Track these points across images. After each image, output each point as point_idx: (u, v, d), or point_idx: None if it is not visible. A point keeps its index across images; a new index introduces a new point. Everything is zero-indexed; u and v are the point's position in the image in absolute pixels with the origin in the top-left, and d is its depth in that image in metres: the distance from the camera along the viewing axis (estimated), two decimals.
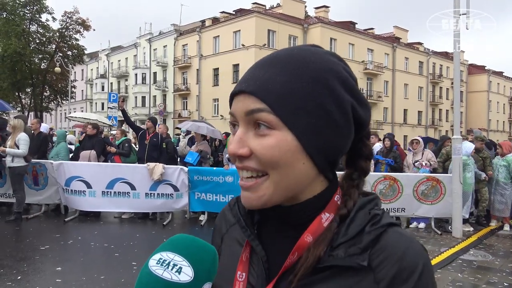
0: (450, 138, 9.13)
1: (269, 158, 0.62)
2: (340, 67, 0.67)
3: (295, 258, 0.65)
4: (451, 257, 5.92)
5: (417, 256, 0.62)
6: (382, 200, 6.69)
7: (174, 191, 7.70)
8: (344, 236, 0.64)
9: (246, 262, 0.72)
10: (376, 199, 0.71)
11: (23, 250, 5.73)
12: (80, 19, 38.12)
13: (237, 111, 0.65)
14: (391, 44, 47.20)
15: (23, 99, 39.80)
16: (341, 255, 0.62)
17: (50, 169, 7.87)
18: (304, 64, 0.64)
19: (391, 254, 0.62)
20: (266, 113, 0.61)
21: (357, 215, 0.66)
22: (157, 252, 0.59)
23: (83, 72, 62.88)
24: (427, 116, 52.59)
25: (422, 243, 2.84)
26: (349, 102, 0.66)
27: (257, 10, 39.51)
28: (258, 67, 0.66)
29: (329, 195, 0.69)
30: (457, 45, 7.43)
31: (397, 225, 0.66)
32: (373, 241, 0.63)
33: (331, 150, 0.65)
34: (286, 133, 0.62)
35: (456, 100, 7.74)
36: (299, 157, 0.63)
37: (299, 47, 0.68)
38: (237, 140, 0.64)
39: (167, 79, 48.85)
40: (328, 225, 0.66)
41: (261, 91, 0.62)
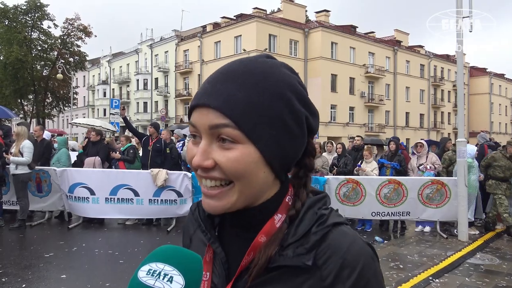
0: (451, 140, 9.13)
1: (234, 170, 0.65)
2: (295, 81, 0.71)
3: (251, 258, 0.69)
4: (457, 261, 5.88)
5: (359, 253, 0.66)
6: (386, 204, 6.65)
7: (177, 196, 7.67)
8: (293, 236, 0.67)
9: (210, 262, 0.75)
10: (325, 198, 0.74)
11: (27, 258, 5.71)
12: (81, 26, 38.27)
13: (200, 124, 0.67)
14: (392, 47, 47.24)
15: (25, 106, 39.91)
16: (290, 255, 0.66)
17: (53, 176, 7.87)
18: (263, 78, 0.67)
19: (335, 252, 0.65)
20: (231, 128, 0.64)
21: (306, 215, 0.70)
22: (145, 263, 0.59)
23: (85, 79, 63.06)
24: (429, 119, 52.54)
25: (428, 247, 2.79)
26: (304, 113, 0.70)
27: (258, 15, 39.63)
28: (219, 81, 0.67)
29: (281, 196, 0.73)
30: (460, 47, 7.42)
31: (342, 224, 0.70)
32: (319, 241, 0.66)
33: (288, 157, 0.70)
34: (249, 146, 0.65)
35: (460, 103, 7.74)
36: (260, 166, 0.66)
37: (255, 59, 0.71)
38: (201, 152, 0.66)
39: (169, 84, 48.95)
40: (279, 226, 0.70)
41: (225, 107, 0.64)
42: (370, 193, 7.42)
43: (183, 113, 46.97)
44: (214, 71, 0.71)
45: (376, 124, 45.26)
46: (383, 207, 7.46)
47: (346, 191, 7.51)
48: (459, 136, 7.47)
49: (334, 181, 7.54)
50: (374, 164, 8.14)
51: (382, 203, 7.43)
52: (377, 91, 45.37)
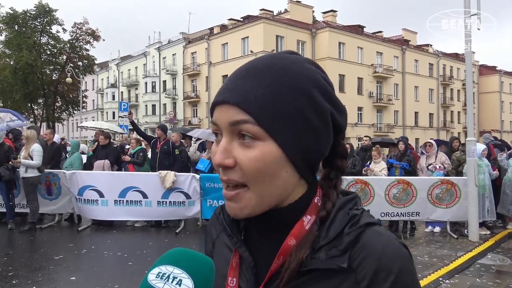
0: (458, 139, 9.02)
1: (254, 170, 0.63)
2: (318, 76, 0.69)
3: (281, 262, 0.67)
4: (468, 262, 5.82)
5: (395, 255, 0.64)
6: (396, 205, 6.59)
7: (186, 198, 7.69)
8: (325, 238, 0.65)
9: (236, 267, 0.73)
10: (355, 199, 0.72)
11: (37, 260, 5.76)
12: (90, 30, 38.61)
13: (220, 121, 0.66)
14: (400, 46, 46.97)
15: (36, 110, 40.32)
16: (323, 257, 0.64)
17: (63, 179, 7.93)
18: (284, 74, 0.65)
19: (370, 254, 0.63)
20: (251, 124, 0.63)
21: (337, 216, 0.67)
22: (155, 266, 0.59)
23: (94, 82, 63.56)
24: (438, 119, 52.12)
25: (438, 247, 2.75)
26: (328, 109, 0.68)
27: (265, 16, 39.65)
28: (240, 77, 0.66)
29: (310, 198, 0.70)
30: (468, 47, 7.35)
31: (376, 224, 0.68)
32: (353, 242, 0.64)
33: (312, 156, 0.67)
34: (270, 143, 0.63)
35: (469, 102, 7.65)
36: (282, 166, 0.64)
37: (278, 55, 0.69)
38: (222, 150, 0.65)
39: (177, 87, 49.15)
40: (309, 228, 0.68)
41: (245, 103, 0.63)
42: (379, 193, 7.37)
43: (191, 115, 47.15)
44: (237, 68, 0.71)
45: (384, 124, 45.00)
46: (392, 208, 7.41)
47: (354, 191, 7.46)
48: (468, 135, 7.40)
49: None
50: (382, 164, 8.10)
51: (391, 203, 7.38)
52: (386, 91, 45.13)
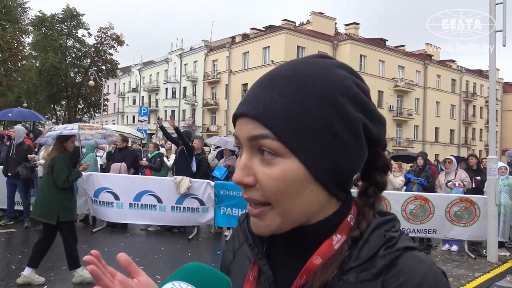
0: (474, 155, 8.80)
1: (275, 190, 0.58)
2: (350, 82, 0.62)
3: (303, 281, 0.61)
4: (486, 283, 5.66)
5: (437, 283, 0.57)
6: (412, 221, 6.44)
7: (200, 205, 7.69)
8: (356, 260, 0.59)
9: (254, 282, 0.68)
10: (394, 221, 0.65)
11: (50, 259, 5.80)
12: (114, 35, 39.34)
13: (240, 135, 0.62)
14: (423, 61, 46.52)
15: (58, 111, 41.17)
16: (352, 280, 0.58)
17: (80, 180, 8.00)
18: (308, 81, 0.59)
19: (407, 281, 0.56)
20: (270, 139, 0.58)
21: (371, 237, 0.61)
22: (169, 281, 0.55)
23: (116, 86, 64.58)
24: (459, 135, 51.24)
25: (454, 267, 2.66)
26: (360, 120, 0.61)
27: (287, 27, 39.78)
28: (261, 87, 0.61)
29: (342, 216, 0.65)
30: (492, 63, 7.21)
31: (415, 249, 0.61)
32: (387, 266, 0.57)
33: (341, 172, 0.61)
34: (292, 160, 0.58)
35: (492, 119, 7.51)
36: (306, 184, 0.59)
37: (306, 60, 0.63)
38: (241, 167, 0.61)
39: (197, 93, 49.58)
40: (339, 248, 0.62)
41: (264, 116, 0.58)
42: (396, 208, 7.24)
43: (210, 122, 47.44)
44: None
45: (404, 138, 44.46)
46: (409, 224, 7.26)
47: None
48: (490, 153, 7.24)
49: None
50: (401, 178, 7.99)
51: (407, 219, 7.24)
52: (406, 105, 44.65)
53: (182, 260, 5.29)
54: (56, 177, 4.75)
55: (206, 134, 42.58)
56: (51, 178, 4.77)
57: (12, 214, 7.96)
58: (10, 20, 31.45)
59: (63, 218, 4.74)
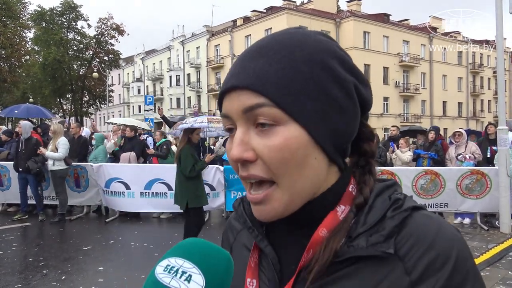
0: (493, 124, 8.59)
1: (279, 160, 0.55)
2: (333, 46, 0.61)
3: (311, 255, 0.59)
4: (499, 254, 5.64)
5: (451, 240, 0.56)
6: (423, 196, 6.40)
7: (210, 190, 7.72)
8: (364, 225, 0.58)
9: (255, 267, 0.66)
10: (395, 185, 0.64)
11: (67, 251, 5.90)
12: (114, 24, 39.20)
13: (232, 111, 0.58)
14: (428, 34, 45.74)
15: (64, 105, 41.36)
16: (363, 245, 0.56)
17: (90, 172, 8.08)
18: (297, 47, 0.58)
19: (420, 240, 0.55)
20: (268, 107, 0.55)
21: (376, 202, 0.60)
22: (165, 258, 0.52)
23: (120, 77, 64.60)
24: (467, 108, 50.74)
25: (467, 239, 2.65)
26: (351, 81, 0.60)
27: (288, 7, 39.34)
28: (247, 59, 0.58)
29: (343, 186, 0.63)
30: (500, 31, 7.06)
31: (423, 208, 0.60)
32: (398, 226, 0.56)
33: (341, 136, 0.60)
34: (293, 126, 0.56)
35: (501, 90, 7.39)
36: (310, 151, 0.57)
37: (285, 31, 0.62)
38: (238, 142, 0.57)
39: (201, 80, 49.46)
40: (344, 217, 0.60)
41: (258, 84, 0.55)
42: (406, 184, 7.21)
43: (215, 107, 47.34)
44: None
45: (411, 114, 44.15)
46: (420, 199, 7.24)
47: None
48: (500, 124, 7.14)
49: None
50: (409, 153, 7.96)
51: (418, 194, 7.22)
52: (412, 80, 44.20)
53: None
54: (183, 167, 5.13)
55: None
56: (179, 168, 5.19)
57: (26, 208, 8.06)
58: (10, 16, 31.49)
59: (191, 204, 5.14)
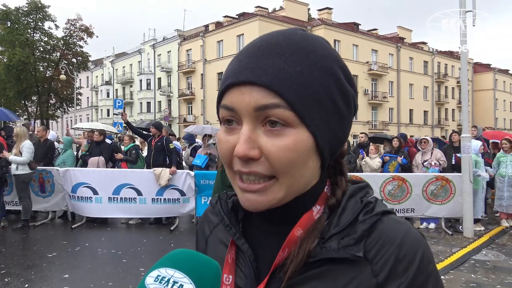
0: (457, 132, 8.88)
1: (285, 161, 0.56)
2: (338, 55, 0.63)
3: (286, 254, 0.61)
4: (463, 258, 5.82)
5: (416, 244, 0.59)
6: (391, 201, 6.55)
7: (180, 195, 7.65)
8: (336, 226, 0.60)
9: (232, 263, 0.67)
10: (367, 187, 0.67)
11: (30, 258, 5.70)
12: (83, 26, 38.39)
13: (241, 106, 0.57)
14: (395, 44, 47.05)
15: (29, 107, 40.07)
16: (334, 246, 0.58)
17: (56, 176, 7.86)
18: (312, 52, 0.58)
19: (388, 243, 0.58)
20: (282, 109, 0.55)
21: (348, 204, 0.63)
22: (155, 268, 0.53)
23: (88, 79, 63.23)
24: (433, 116, 52.31)
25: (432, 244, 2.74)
26: (351, 92, 0.63)
27: (260, 14, 39.59)
28: (262, 55, 0.58)
29: (322, 187, 0.65)
30: (463, 44, 7.33)
31: (392, 213, 0.63)
32: (368, 230, 0.59)
33: (338, 142, 0.62)
34: (303, 130, 0.57)
35: (464, 99, 7.67)
36: (311, 155, 0.59)
37: (294, 31, 0.62)
38: (246, 139, 0.56)
39: (172, 84, 49.01)
40: (318, 217, 0.63)
41: (276, 83, 0.55)
42: (374, 190, 7.28)
43: (186, 112, 47.04)
44: (247, 45, 0.62)
45: (379, 121, 45.13)
46: (387, 204, 7.33)
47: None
48: (463, 132, 7.40)
49: None
50: (378, 160, 8.13)
51: (386, 200, 7.38)
52: (381, 88, 45.24)
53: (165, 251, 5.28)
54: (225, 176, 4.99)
55: (183, 125, 42.28)
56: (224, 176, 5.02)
57: None
58: None
59: None
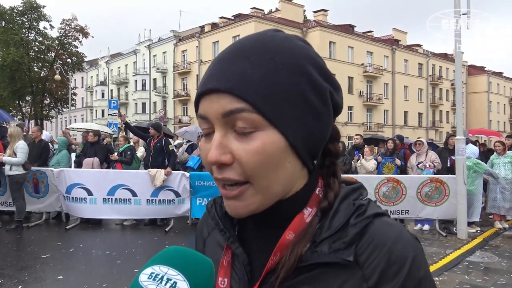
0: (454, 135, 8.96)
1: (256, 164, 0.56)
2: (312, 52, 0.62)
3: (278, 258, 0.61)
4: (457, 259, 5.85)
5: (408, 247, 0.58)
6: (385, 203, 6.57)
7: (175, 196, 7.63)
8: (328, 230, 0.60)
9: (228, 266, 0.67)
10: (361, 189, 0.66)
11: (24, 259, 5.67)
12: (78, 26, 38.28)
13: (210, 113, 0.57)
14: (390, 46, 47.26)
15: (24, 108, 39.86)
16: (325, 251, 0.58)
17: (50, 177, 7.82)
18: (279, 52, 0.58)
19: (379, 247, 0.57)
20: (248, 112, 0.55)
21: (340, 206, 0.62)
22: (148, 266, 0.52)
23: (83, 80, 62.99)
24: (427, 118, 52.58)
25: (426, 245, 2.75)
26: (327, 88, 0.62)
27: (256, 15, 39.65)
28: (228, 61, 0.58)
29: (312, 188, 0.65)
30: (457, 46, 7.39)
31: (384, 215, 0.62)
32: (359, 233, 0.58)
33: (315, 141, 0.61)
34: (272, 132, 0.56)
35: (458, 101, 7.74)
36: (286, 156, 0.58)
37: (265, 33, 0.62)
38: (217, 145, 0.56)
39: (167, 85, 48.93)
40: (310, 221, 0.62)
41: (239, 88, 0.55)
42: (369, 191, 7.35)
43: (181, 113, 46.96)
44: (220, 52, 0.62)
45: (374, 123, 45.28)
46: (382, 206, 7.39)
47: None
48: (457, 134, 7.44)
49: None
50: (373, 162, 8.15)
51: (381, 201, 7.40)
52: (376, 90, 45.40)
53: None
54: None
55: (178, 126, 42.21)
56: None
57: None
58: None
59: None
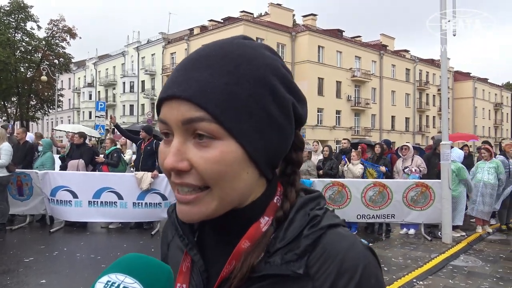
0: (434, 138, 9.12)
1: (213, 173, 0.56)
2: (278, 63, 0.62)
3: (232, 267, 0.60)
4: (441, 263, 5.91)
5: (359, 257, 0.58)
6: (372, 207, 6.61)
7: (162, 200, 7.59)
8: (282, 241, 0.59)
9: (187, 272, 0.67)
10: (319, 198, 0.66)
11: (6, 263, 5.58)
12: (66, 27, 37.89)
13: (170, 120, 0.57)
14: (378, 51, 47.71)
15: (9, 108, 39.27)
16: (278, 262, 0.58)
17: (35, 179, 7.71)
18: (243, 62, 0.58)
19: (330, 258, 0.57)
20: (207, 122, 0.55)
21: (296, 216, 0.61)
22: (105, 274, 0.52)
23: (70, 81, 62.35)
24: (414, 123, 53.13)
25: (412, 249, 2.76)
26: (290, 100, 0.61)
27: (245, 18, 39.68)
28: (191, 68, 0.58)
29: (270, 197, 0.64)
30: (444, 52, 7.48)
31: (339, 226, 0.62)
32: (311, 245, 0.58)
33: (275, 152, 0.61)
34: (230, 142, 0.56)
35: (444, 107, 7.81)
36: (244, 166, 0.58)
37: (232, 41, 0.62)
38: (174, 152, 0.56)
39: (156, 87, 48.69)
40: (266, 230, 0.61)
41: (200, 97, 0.55)
42: (356, 195, 7.44)
43: None
44: (185, 57, 0.62)
45: (362, 127, 45.61)
46: (369, 210, 7.47)
47: (331, 194, 7.51)
48: (443, 140, 7.53)
49: (319, 184, 7.53)
50: (360, 166, 8.20)
51: (367, 205, 7.45)
52: (363, 94, 45.75)
53: None
54: None
55: None
56: None
57: None
58: None
59: None
